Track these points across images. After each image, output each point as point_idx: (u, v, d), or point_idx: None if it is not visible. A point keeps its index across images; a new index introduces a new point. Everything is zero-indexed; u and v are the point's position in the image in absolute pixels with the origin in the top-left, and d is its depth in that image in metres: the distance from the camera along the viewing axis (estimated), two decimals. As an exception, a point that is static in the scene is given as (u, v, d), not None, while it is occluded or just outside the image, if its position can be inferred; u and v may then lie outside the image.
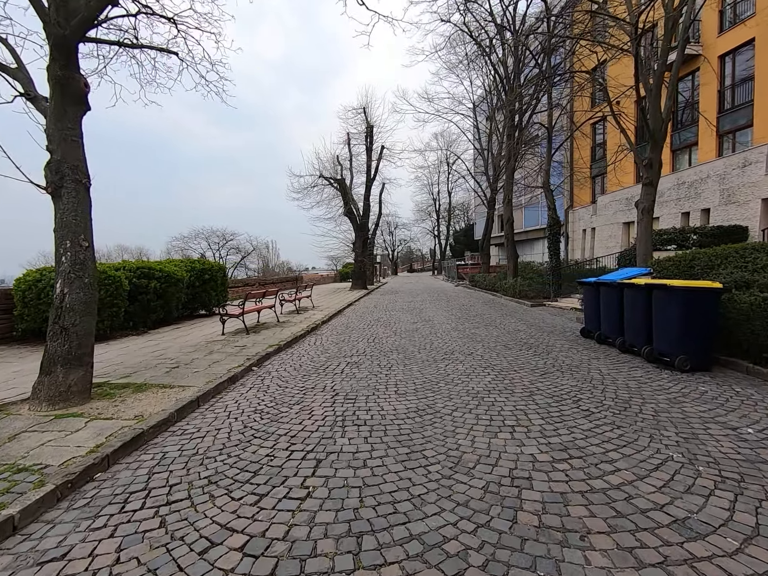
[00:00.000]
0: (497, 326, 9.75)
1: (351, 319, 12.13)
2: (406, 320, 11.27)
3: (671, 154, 21.47)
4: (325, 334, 9.47)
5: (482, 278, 24.30)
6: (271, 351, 7.09)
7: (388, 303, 16.88)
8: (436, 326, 9.97)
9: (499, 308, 13.92)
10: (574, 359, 6.17)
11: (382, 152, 25.18)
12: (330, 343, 8.08)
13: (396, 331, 9.33)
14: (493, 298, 17.99)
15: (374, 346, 7.61)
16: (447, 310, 13.39)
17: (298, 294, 14.72)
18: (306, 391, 4.85)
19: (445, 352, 6.91)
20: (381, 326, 10.27)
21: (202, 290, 11.85)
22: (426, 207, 65.28)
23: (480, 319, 11.20)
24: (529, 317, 11.36)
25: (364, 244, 26.02)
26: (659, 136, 9.25)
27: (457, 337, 8.31)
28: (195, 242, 53.10)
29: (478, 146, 29.77)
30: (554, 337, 8.07)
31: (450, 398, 4.44)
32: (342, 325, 10.86)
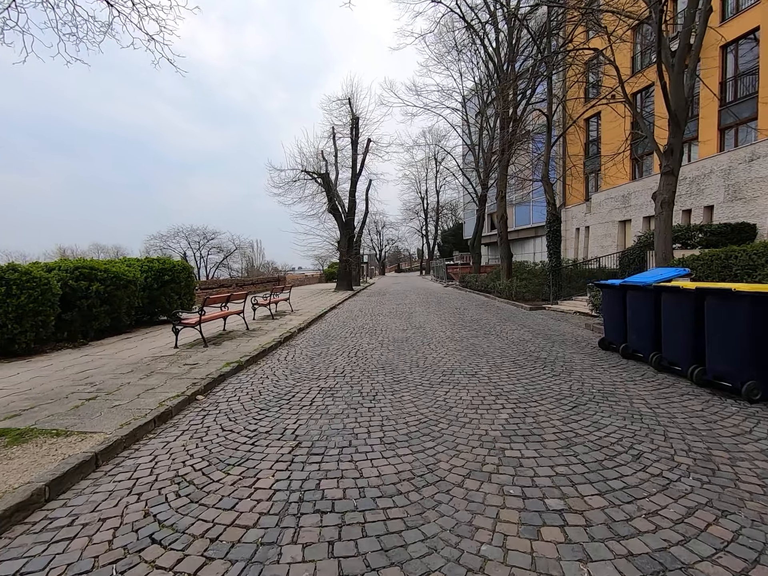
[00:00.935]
0: (498, 334, 8.52)
1: (332, 325, 10.78)
2: (395, 327, 9.98)
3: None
4: (300, 344, 8.11)
5: (473, 279, 23.19)
6: (227, 371, 5.72)
7: (374, 306, 15.57)
8: (429, 334, 8.70)
9: (495, 312, 12.73)
10: (604, 382, 4.95)
11: (369, 146, 23.85)
12: (303, 359, 6.73)
13: (383, 342, 8.03)
14: (487, 300, 16.82)
15: (356, 363, 6.29)
16: (439, 315, 12.14)
17: (275, 296, 13.31)
18: (257, 439, 3.50)
19: (443, 370, 5.63)
20: (366, 335, 8.95)
21: (161, 293, 10.36)
22: (414, 206, 64.18)
23: (477, 325, 9.97)
24: (530, 323, 10.17)
25: (350, 243, 24.67)
26: (682, 117, 8.14)
27: (454, 350, 7.04)
28: (174, 241, 51.05)
29: (469, 141, 28.69)
30: (569, 350, 6.87)
31: (457, 451, 3.15)
32: (321, 333, 9.51)
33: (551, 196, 13.84)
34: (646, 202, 20.77)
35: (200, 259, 53.59)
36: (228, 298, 8.55)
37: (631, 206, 21.97)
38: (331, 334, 9.32)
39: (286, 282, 31.19)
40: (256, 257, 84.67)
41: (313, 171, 23.01)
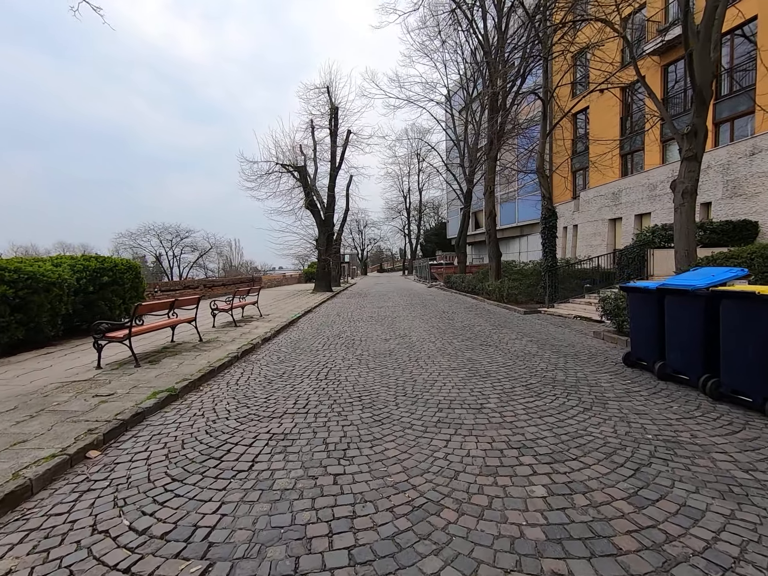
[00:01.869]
0: (497, 346, 7.25)
1: (304, 333, 9.35)
2: (376, 336, 8.62)
3: (660, 146, 19.95)
4: (260, 360, 6.66)
5: (459, 279, 22.03)
6: (150, 405, 4.25)
7: (354, 309, 14.18)
8: (416, 346, 7.37)
9: (487, 316, 11.51)
10: (655, 420, 3.70)
11: (349, 137, 22.40)
12: (259, 383, 5.30)
13: (361, 356, 6.65)
14: (475, 303, 15.63)
15: (326, 389, 4.90)
16: (425, 320, 10.84)
17: (241, 300, 11.78)
18: (141, 556, 2.09)
19: (439, 402, 4.30)
20: (341, 346, 7.56)
21: (99, 297, 8.73)
22: (396, 204, 63.04)
23: (470, 333, 8.70)
24: (529, 330, 8.96)
25: (329, 241, 23.19)
26: (707, 92, 7.04)
27: (448, 368, 5.72)
28: (144, 239, 48.36)
29: (453, 137, 27.56)
30: (587, 367, 5.64)
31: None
32: (290, 344, 8.07)
33: (547, 189, 12.72)
34: (637, 200, 20.00)
35: (173, 259, 51.07)
36: (172, 305, 7.02)
37: (621, 204, 21.18)
38: (300, 345, 7.89)
39: (262, 283, 29.49)
40: (234, 257, 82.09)
41: (289, 164, 21.43)
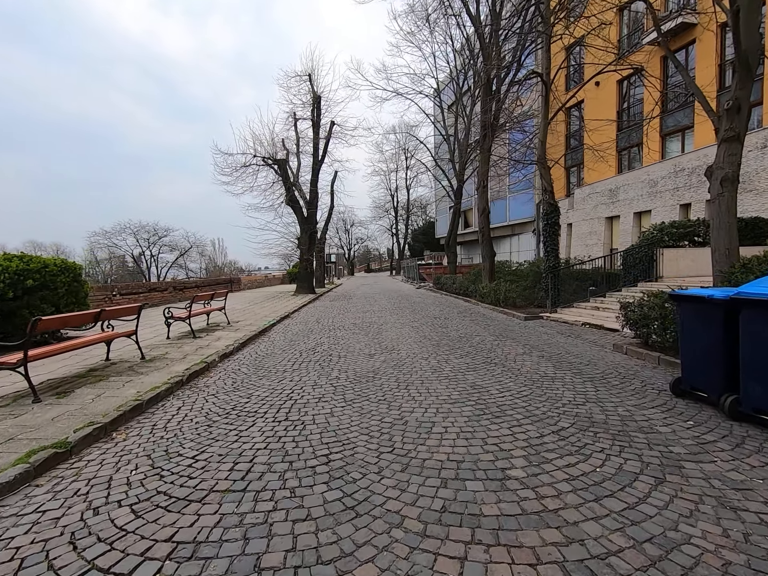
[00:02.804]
0: (504, 364, 5.98)
1: (274, 346, 7.95)
2: (358, 349, 7.28)
3: (660, 140, 19.03)
4: (208, 388, 5.25)
5: (450, 280, 20.83)
6: (16, 476, 2.85)
7: (336, 314, 12.80)
8: (406, 364, 6.05)
9: (484, 323, 10.27)
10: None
11: (332, 129, 20.98)
12: (192, 429, 3.89)
13: (337, 382, 5.30)
14: (469, 306, 14.40)
15: (282, 442, 3.52)
16: (416, 328, 9.54)
17: (207, 305, 10.32)
18: None
19: (442, 468, 2.95)
20: (315, 366, 6.19)
21: (22, 305, 7.20)
22: (384, 203, 61.80)
23: (468, 345, 7.42)
24: (536, 341, 7.73)
25: (311, 240, 21.74)
26: (754, 60, 5.88)
27: (448, 400, 4.41)
28: (120, 238, 45.97)
29: (443, 131, 26.36)
30: (626, 398, 4.38)
31: None
32: (252, 362, 6.67)
33: (548, 182, 11.53)
34: (637, 196, 19.04)
35: (151, 259, 48.81)
36: (97, 316, 5.54)
37: (619, 201, 20.22)
38: (266, 363, 6.50)
39: (242, 284, 27.90)
40: (218, 257, 79.80)
41: (268, 157, 19.91)
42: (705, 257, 12.02)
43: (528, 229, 30.48)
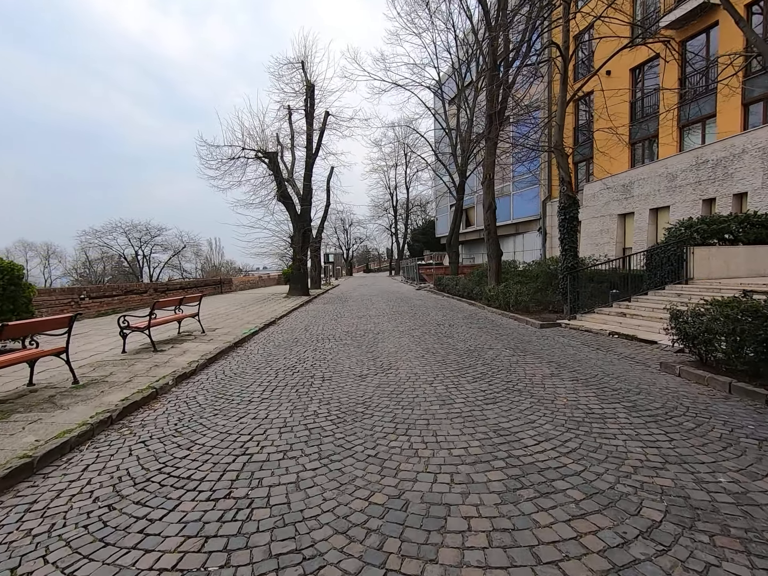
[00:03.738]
0: (532, 392, 4.66)
1: (247, 363, 6.63)
2: (347, 368, 5.97)
3: (678, 131, 17.73)
4: (140, 432, 3.93)
5: (452, 282, 19.53)
6: None
7: (328, 320, 11.49)
8: (406, 392, 4.74)
9: (494, 331, 8.98)
10: None
11: (327, 120, 19.66)
12: (83, 515, 2.58)
13: (314, 424, 3.98)
14: (475, 311, 13.10)
15: (208, 548, 2.23)
16: (417, 338, 8.23)
17: (178, 311, 9.02)
18: None
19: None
20: (291, 393, 4.87)
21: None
22: (383, 202, 60.52)
23: (480, 362, 6.12)
24: (560, 355, 6.43)
25: (305, 238, 20.42)
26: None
27: (469, 458, 3.09)
28: (110, 237, 44.60)
29: (444, 124, 25.05)
30: (716, 453, 3.07)
31: None
32: (212, 387, 5.35)
33: (566, 172, 10.20)
34: (653, 191, 17.73)
35: (143, 259, 47.45)
36: (25, 329, 4.22)
37: (633, 197, 18.91)
38: (229, 389, 5.18)
39: (233, 285, 26.61)
40: (214, 256, 78.46)
41: (258, 149, 18.59)
42: (738, 257, 10.76)
43: (533, 227, 29.18)
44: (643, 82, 19.83)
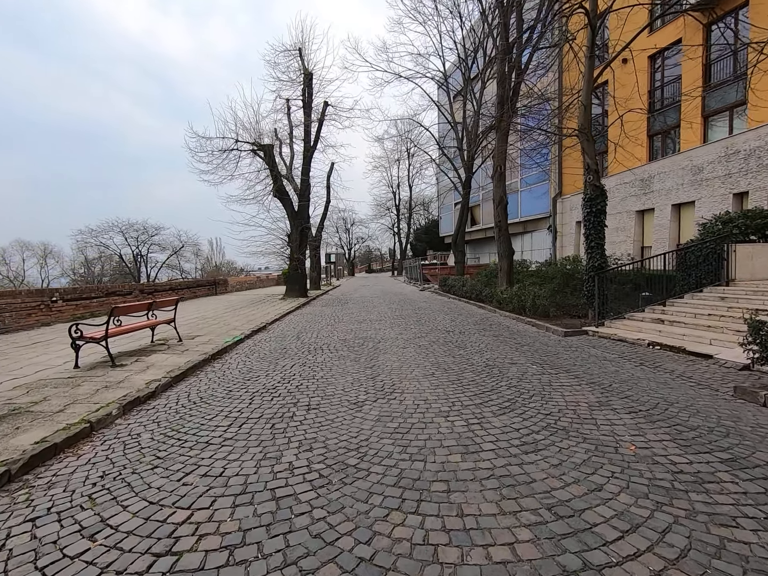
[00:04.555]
0: (584, 433, 3.49)
1: (220, 383, 5.48)
2: (340, 390, 4.81)
3: (702, 121, 16.48)
4: (46, 496, 2.78)
5: (459, 282, 18.35)
6: None
7: (324, 326, 10.34)
8: (414, 431, 3.57)
9: (512, 339, 7.80)
10: None
11: (325, 110, 18.51)
12: None
13: (284, 491, 2.82)
14: (485, 315, 11.91)
15: None
16: (424, 348, 7.07)
17: (152, 317, 7.90)
18: None
19: None
20: (261, 434, 3.68)
21: None
22: (385, 201, 59.35)
23: (504, 380, 4.95)
24: (599, 373, 5.25)
25: (303, 237, 19.28)
26: None
27: (513, 564, 1.97)
28: (106, 236, 43.51)
29: (450, 117, 23.85)
30: None
31: None
32: (167, 419, 4.18)
33: (593, 158, 9.00)
34: (676, 186, 16.48)
35: (140, 258, 46.38)
36: None
37: (653, 192, 17.66)
38: (186, 424, 4.03)
39: (228, 286, 25.50)
40: (215, 256, 77.50)
41: (253, 142, 17.45)
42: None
43: (542, 226, 27.96)
44: (663, 70, 18.59)
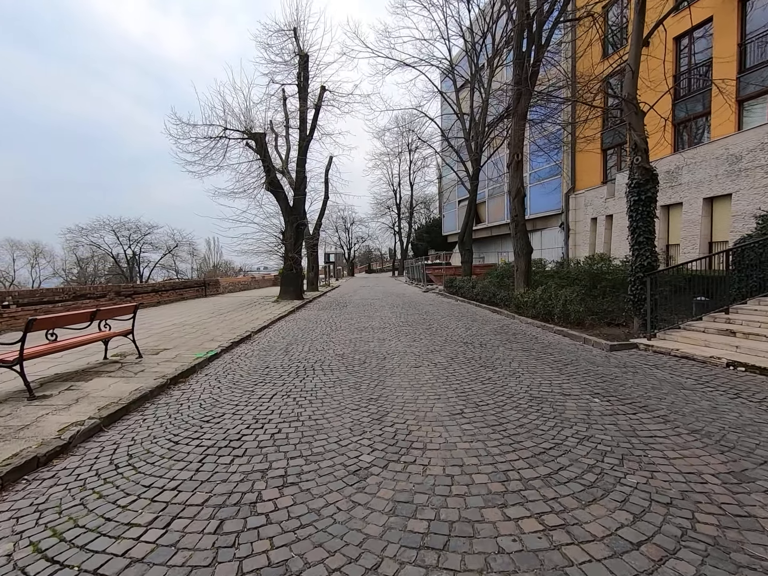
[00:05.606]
0: (757, 562, 2.01)
1: (167, 428, 3.95)
2: (332, 445, 3.26)
3: (736, 105, 14.99)
4: None
5: (467, 283, 16.83)
6: None
7: (318, 335, 8.81)
8: (453, 526, 2.07)
9: (548, 355, 6.29)
10: None
11: (323, 96, 17.00)
12: None
13: None
14: (503, 321, 10.40)
15: None
16: (443, 369, 5.54)
17: (105, 327, 6.38)
18: None
19: None
20: (192, 555, 2.17)
21: None
22: (385, 199, 57.82)
23: (562, 422, 3.43)
24: (690, 412, 3.73)
25: (299, 234, 17.77)
26: None
27: None
28: (97, 235, 41.92)
29: (456, 108, 22.34)
30: None
31: None
32: (57, 507, 2.67)
33: (642, 136, 7.44)
34: (709, 177, 14.95)
35: (132, 258, 44.78)
36: None
37: (681, 185, 16.14)
38: (80, 520, 2.52)
39: (220, 287, 23.96)
40: (212, 256, 75.97)
41: (244, 131, 15.93)
42: None
43: (552, 223, 26.48)
44: (691, 55, 17.08)
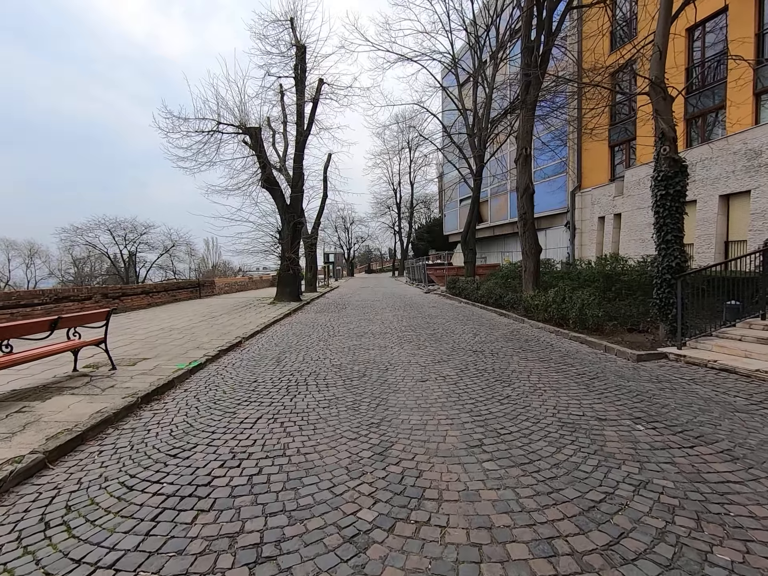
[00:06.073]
0: None
1: (128, 460, 3.26)
2: (321, 493, 2.53)
3: (753, 99, 14.33)
4: None
5: (471, 285, 16.15)
6: None
7: (314, 342, 8.13)
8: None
9: (569, 367, 5.60)
10: None
11: (320, 89, 16.31)
12: None
13: None
14: (512, 326, 9.71)
15: None
16: (453, 385, 4.85)
17: (74, 335, 5.69)
18: None
19: None
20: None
21: None
22: (385, 199, 57.19)
23: (597, 451, 2.74)
24: (755, 444, 3.06)
25: (296, 233, 17.08)
26: None
27: None
28: (92, 235, 41.24)
29: (458, 104, 21.67)
30: None
31: None
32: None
33: (670, 123, 6.74)
34: (725, 173, 14.26)
35: (128, 258, 44.08)
36: None
37: (695, 182, 15.44)
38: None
39: (215, 288, 23.26)
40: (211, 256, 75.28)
41: (239, 125, 15.24)
42: None
43: (556, 222, 25.80)
44: (704, 48, 16.40)
